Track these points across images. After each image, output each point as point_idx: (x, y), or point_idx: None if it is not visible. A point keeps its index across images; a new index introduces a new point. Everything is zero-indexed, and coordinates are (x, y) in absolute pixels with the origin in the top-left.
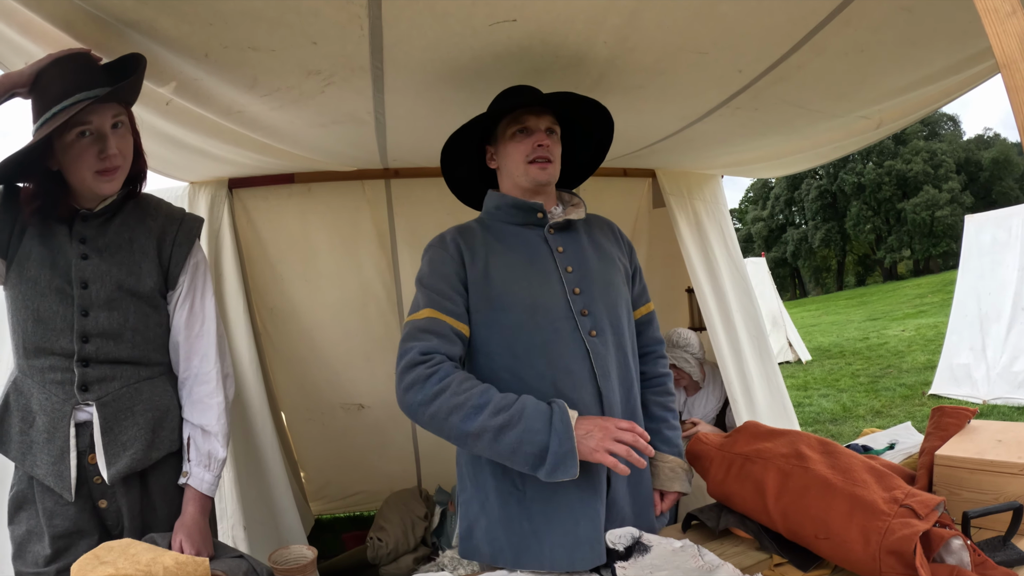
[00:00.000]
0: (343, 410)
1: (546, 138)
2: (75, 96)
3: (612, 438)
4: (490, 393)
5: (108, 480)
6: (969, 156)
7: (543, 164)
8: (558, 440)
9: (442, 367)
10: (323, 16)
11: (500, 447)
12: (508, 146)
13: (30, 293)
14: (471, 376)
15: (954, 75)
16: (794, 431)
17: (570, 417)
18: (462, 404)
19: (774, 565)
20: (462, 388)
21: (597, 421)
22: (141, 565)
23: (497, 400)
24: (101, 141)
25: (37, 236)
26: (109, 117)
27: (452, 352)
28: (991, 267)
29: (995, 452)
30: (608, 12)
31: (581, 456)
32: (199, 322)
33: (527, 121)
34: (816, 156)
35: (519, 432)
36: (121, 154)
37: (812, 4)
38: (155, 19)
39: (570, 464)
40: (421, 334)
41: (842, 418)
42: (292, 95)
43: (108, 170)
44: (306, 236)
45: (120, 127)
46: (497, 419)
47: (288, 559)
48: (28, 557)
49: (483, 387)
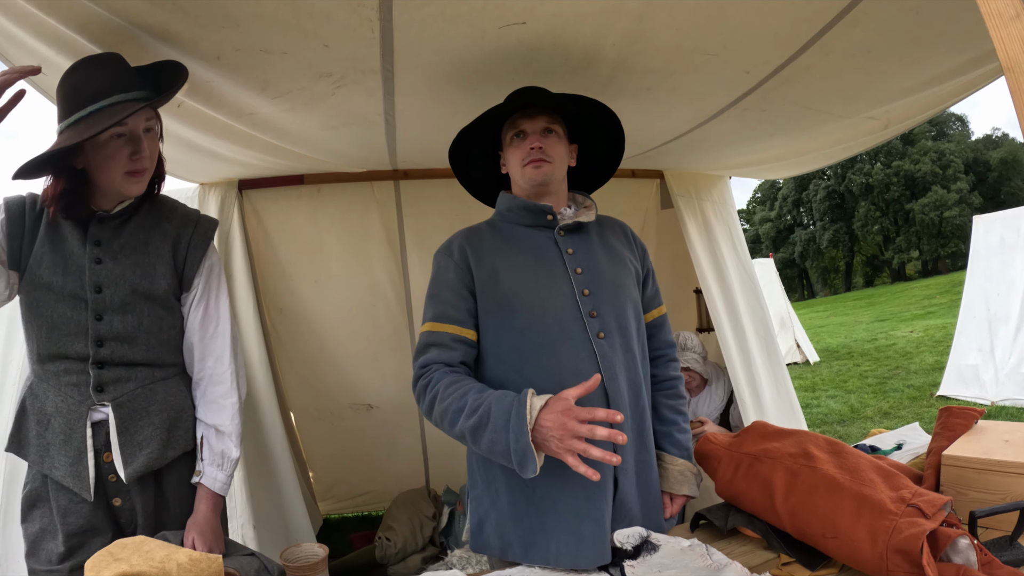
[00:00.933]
0: (352, 410)
1: (540, 139)
2: (115, 96)
3: (572, 435)
4: (467, 396)
5: (125, 479)
6: (977, 156)
7: (537, 164)
8: (515, 438)
9: (434, 375)
10: (335, 19)
11: (480, 448)
12: (508, 151)
13: (43, 300)
14: (459, 377)
15: (962, 75)
16: (802, 431)
17: (527, 410)
18: (447, 409)
19: (782, 564)
20: (447, 393)
21: (558, 417)
22: (155, 562)
23: (472, 401)
24: (134, 143)
25: (48, 243)
26: (143, 120)
27: (450, 358)
28: (1000, 268)
29: (1002, 452)
30: (617, 15)
31: (548, 453)
32: (214, 323)
33: (521, 125)
34: (824, 157)
35: (489, 432)
36: (151, 157)
37: (819, 5)
38: (168, 22)
39: (530, 461)
40: (423, 349)
41: (850, 419)
42: (303, 97)
43: (138, 171)
44: (316, 237)
45: (151, 131)
46: (470, 421)
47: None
48: (42, 555)
49: (463, 389)
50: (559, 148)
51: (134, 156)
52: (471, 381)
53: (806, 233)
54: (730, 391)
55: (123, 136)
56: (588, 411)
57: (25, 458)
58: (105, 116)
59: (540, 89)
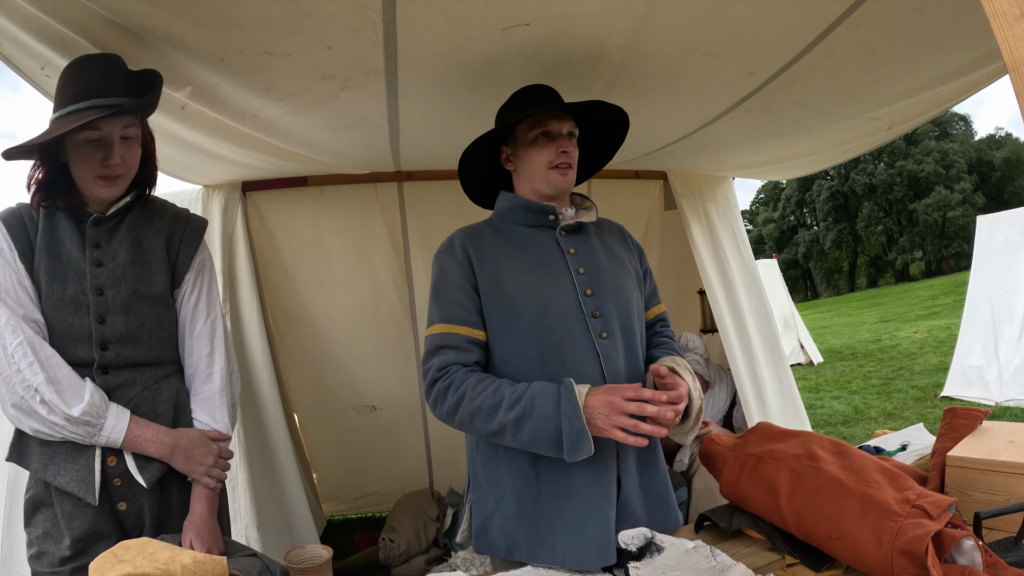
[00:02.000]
0: (355, 412)
1: (568, 144)
2: (92, 100)
3: (619, 411)
4: (502, 390)
5: (146, 485)
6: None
7: (564, 170)
8: (568, 421)
9: (455, 376)
10: (338, 21)
11: (522, 438)
12: (529, 150)
13: (44, 309)
14: (484, 376)
15: (965, 75)
16: (806, 432)
17: (577, 396)
18: (479, 407)
19: (786, 565)
20: (476, 392)
21: (604, 397)
22: (159, 563)
23: (509, 395)
24: (106, 149)
25: (44, 249)
26: (119, 128)
27: (467, 360)
28: (1004, 268)
29: (1007, 453)
30: (620, 15)
31: (594, 433)
32: (204, 320)
33: (550, 125)
34: (828, 157)
35: (534, 421)
36: (125, 163)
37: (823, 6)
38: (171, 24)
39: (584, 443)
40: (437, 351)
41: (854, 420)
42: (306, 99)
43: (108, 177)
44: (319, 239)
45: (130, 139)
46: (512, 413)
47: (303, 558)
48: (45, 559)
49: (495, 385)
50: (576, 153)
51: (105, 162)
52: (496, 378)
53: (809, 234)
54: (733, 393)
55: (97, 141)
56: (634, 389)
57: (27, 468)
58: (72, 119)
59: (552, 88)
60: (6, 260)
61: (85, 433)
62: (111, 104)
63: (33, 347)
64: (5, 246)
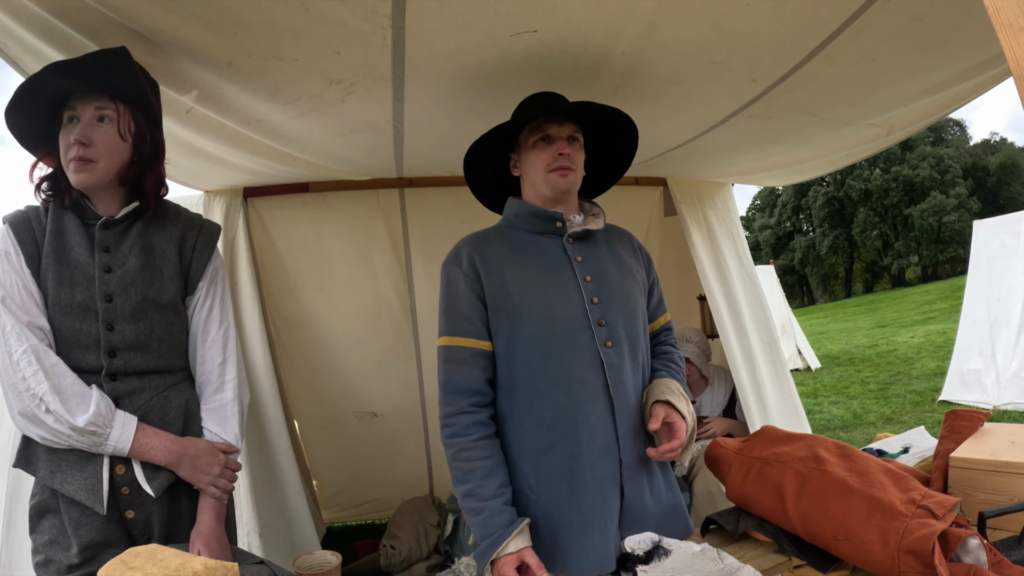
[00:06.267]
0: (356, 418)
1: (567, 146)
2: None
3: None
4: (474, 473)
5: (154, 494)
6: (976, 161)
7: (563, 172)
8: (481, 557)
9: (457, 424)
10: (348, 26)
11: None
12: (531, 154)
13: (50, 314)
14: (478, 440)
15: (963, 82)
16: (811, 435)
17: (497, 551)
18: (457, 467)
19: (793, 567)
20: (460, 456)
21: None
22: (170, 570)
23: (473, 485)
24: (78, 128)
25: (52, 254)
26: (92, 108)
27: (473, 376)
28: (1000, 272)
29: (1009, 454)
30: (627, 23)
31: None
32: (217, 328)
33: (549, 129)
34: (827, 163)
35: (478, 521)
36: (95, 146)
37: (825, 15)
38: (180, 27)
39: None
40: (445, 365)
41: (853, 425)
42: (313, 104)
43: (76, 159)
44: (320, 245)
45: (106, 121)
46: (467, 502)
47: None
48: (52, 566)
49: (472, 465)
50: (581, 157)
51: (75, 141)
52: (486, 448)
53: (806, 240)
54: (732, 388)
55: (74, 120)
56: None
57: (34, 474)
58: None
59: (560, 95)
60: (12, 265)
61: (91, 442)
62: (85, 83)
63: (37, 355)
64: (12, 251)
